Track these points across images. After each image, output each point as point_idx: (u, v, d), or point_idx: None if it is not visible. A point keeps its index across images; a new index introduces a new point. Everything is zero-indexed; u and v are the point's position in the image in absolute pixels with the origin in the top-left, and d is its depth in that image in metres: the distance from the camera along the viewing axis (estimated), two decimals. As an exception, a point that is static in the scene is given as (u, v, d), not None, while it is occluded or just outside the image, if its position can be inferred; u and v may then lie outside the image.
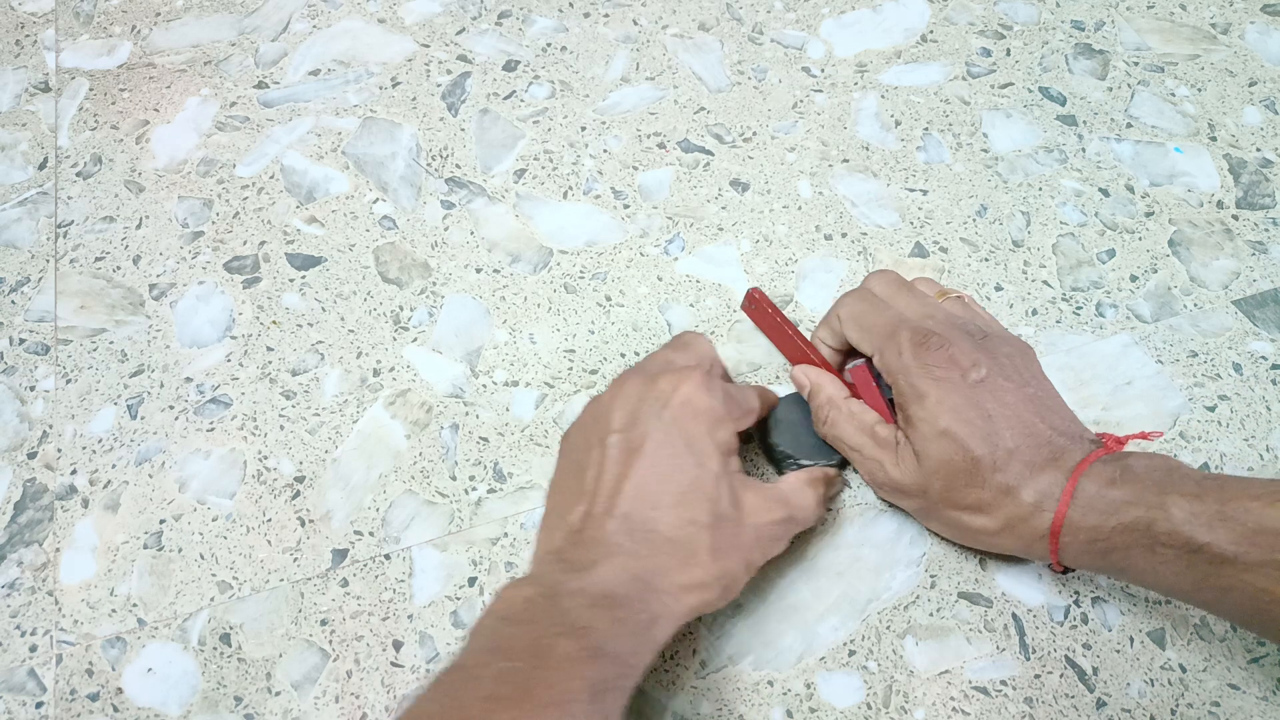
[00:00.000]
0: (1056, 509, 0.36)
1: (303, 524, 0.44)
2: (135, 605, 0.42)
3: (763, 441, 0.45)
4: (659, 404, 0.37)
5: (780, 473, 0.44)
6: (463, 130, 0.57)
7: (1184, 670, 0.41)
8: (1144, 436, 0.42)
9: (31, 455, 0.46)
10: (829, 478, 0.42)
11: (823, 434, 0.43)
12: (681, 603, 0.35)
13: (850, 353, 0.45)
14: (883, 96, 0.58)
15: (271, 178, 0.55)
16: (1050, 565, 0.39)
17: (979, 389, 0.38)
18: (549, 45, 0.60)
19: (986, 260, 0.52)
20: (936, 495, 0.39)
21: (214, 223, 0.53)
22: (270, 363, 0.49)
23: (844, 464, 0.44)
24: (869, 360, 0.42)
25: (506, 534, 0.44)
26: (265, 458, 0.46)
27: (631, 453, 0.36)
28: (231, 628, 0.42)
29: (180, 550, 0.44)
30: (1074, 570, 0.41)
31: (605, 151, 0.56)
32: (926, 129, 0.57)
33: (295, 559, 0.43)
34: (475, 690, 0.30)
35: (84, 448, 0.46)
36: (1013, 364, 0.40)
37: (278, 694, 0.40)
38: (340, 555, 0.43)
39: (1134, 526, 0.35)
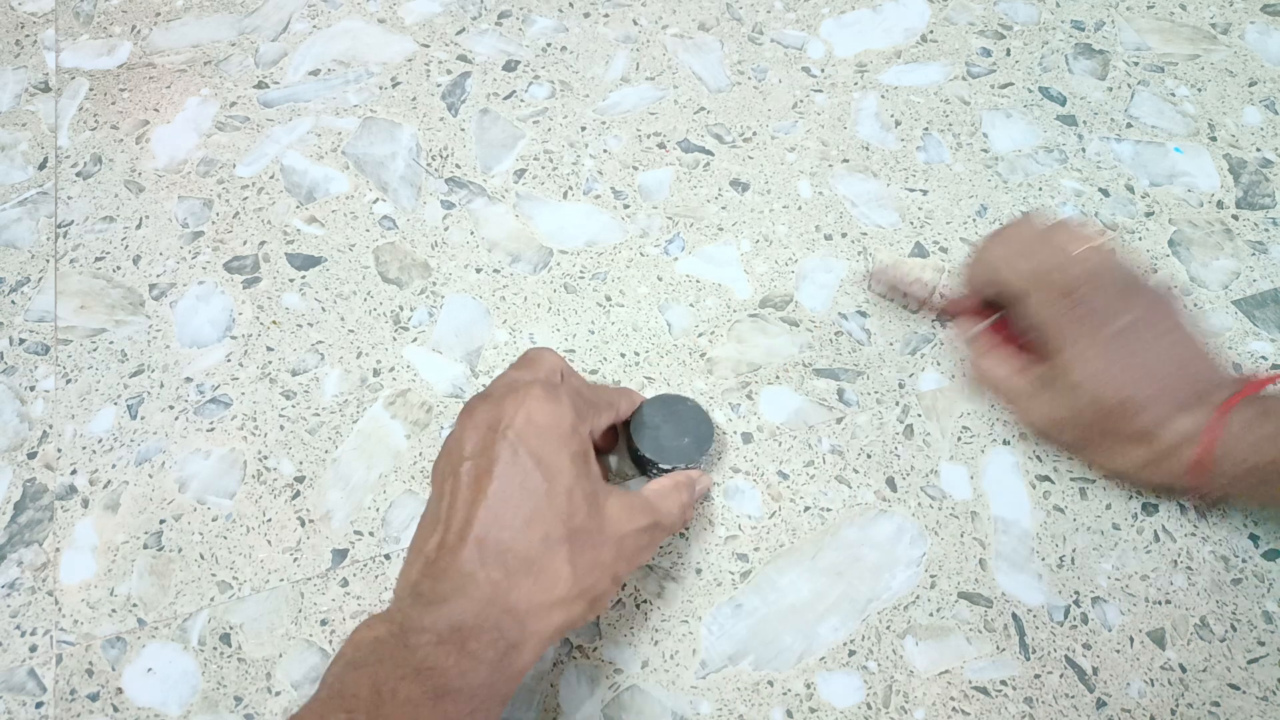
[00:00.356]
0: (1198, 446, 0.39)
1: (303, 524, 0.44)
2: (135, 605, 0.42)
3: (628, 446, 0.44)
4: (503, 425, 0.36)
5: (646, 477, 0.44)
6: (463, 130, 0.57)
7: (1184, 670, 0.41)
8: None
9: (31, 455, 0.46)
10: (693, 481, 0.41)
11: (974, 379, 0.46)
12: (545, 623, 0.34)
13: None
14: (883, 96, 0.58)
15: (271, 178, 0.55)
16: (1191, 500, 0.43)
17: (1121, 338, 0.40)
18: (549, 45, 0.60)
19: (986, 260, 0.52)
20: (1081, 435, 0.42)
21: (214, 223, 0.53)
22: (270, 363, 0.49)
23: (706, 465, 0.44)
24: (1008, 307, 0.44)
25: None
26: (265, 458, 0.46)
27: (480, 478, 0.35)
28: (231, 628, 0.42)
29: (180, 550, 0.44)
30: (1216, 506, 0.44)
31: (605, 151, 0.56)
32: (926, 129, 0.57)
33: (295, 559, 0.43)
34: None
35: (84, 448, 0.46)
36: (1153, 312, 0.41)
37: (278, 694, 0.40)
38: (340, 555, 0.43)
39: (1275, 463, 0.37)
